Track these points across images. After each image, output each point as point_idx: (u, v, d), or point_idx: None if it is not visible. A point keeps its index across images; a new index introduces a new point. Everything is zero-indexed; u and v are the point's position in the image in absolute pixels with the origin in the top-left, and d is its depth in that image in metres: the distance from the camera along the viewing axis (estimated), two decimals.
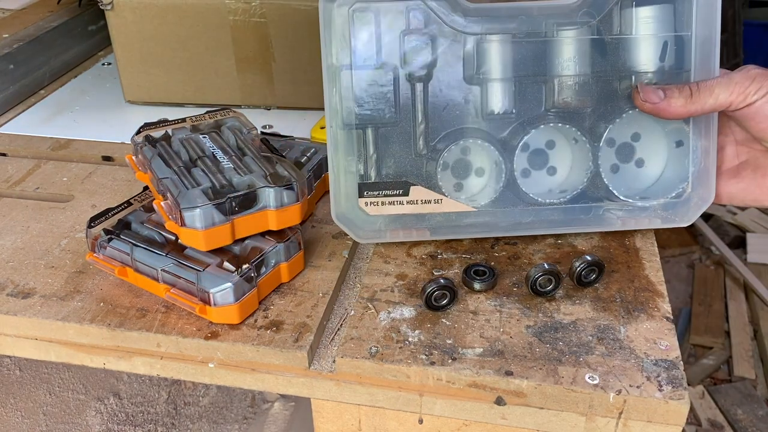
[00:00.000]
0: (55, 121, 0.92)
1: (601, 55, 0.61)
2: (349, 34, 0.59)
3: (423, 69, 0.61)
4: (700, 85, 0.58)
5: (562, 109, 0.62)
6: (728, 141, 0.64)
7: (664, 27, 0.61)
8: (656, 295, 0.60)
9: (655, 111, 0.59)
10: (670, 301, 0.60)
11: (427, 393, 0.55)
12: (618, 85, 0.62)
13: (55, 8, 1.10)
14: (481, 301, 0.60)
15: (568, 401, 0.52)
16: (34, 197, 0.76)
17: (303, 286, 0.61)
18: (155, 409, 1.34)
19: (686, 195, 0.65)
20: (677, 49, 0.61)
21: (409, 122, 0.62)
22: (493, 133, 0.63)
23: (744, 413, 1.78)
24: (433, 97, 0.61)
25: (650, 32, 0.61)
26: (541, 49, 0.61)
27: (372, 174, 0.62)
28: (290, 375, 0.56)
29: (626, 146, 0.65)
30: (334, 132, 0.61)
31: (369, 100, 0.61)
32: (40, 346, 0.61)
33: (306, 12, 0.85)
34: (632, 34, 0.61)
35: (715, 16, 0.60)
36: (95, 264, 0.62)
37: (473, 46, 0.61)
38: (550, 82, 0.62)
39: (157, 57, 0.90)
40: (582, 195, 0.64)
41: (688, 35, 0.61)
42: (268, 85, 0.91)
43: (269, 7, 0.86)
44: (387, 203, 0.63)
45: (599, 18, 0.60)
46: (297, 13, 0.85)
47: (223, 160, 0.63)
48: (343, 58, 0.59)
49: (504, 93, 0.62)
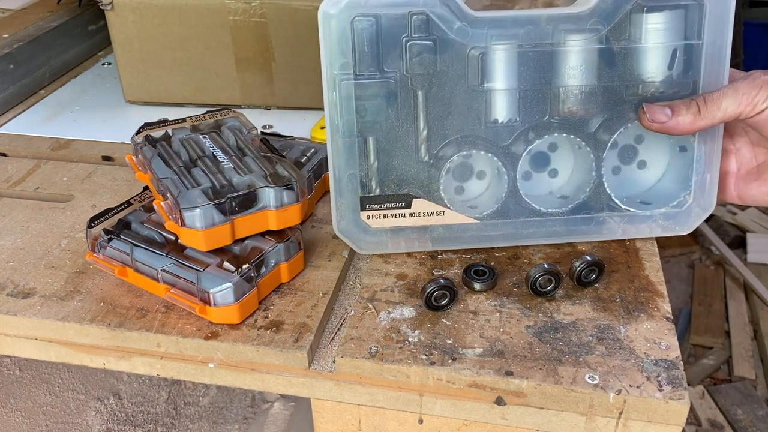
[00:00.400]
0: (55, 121, 0.92)
1: (608, 63, 0.60)
2: (349, 42, 0.58)
3: (425, 77, 0.59)
4: (707, 98, 0.57)
5: (566, 117, 0.61)
6: (743, 142, 0.63)
7: (674, 35, 0.60)
8: (656, 295, 0.60)
9: (663, 130, 0.58)
10: (670, 301, 0.60)
11: (427, 393, 0.55)
12: (624, 94, 0.61)
13: (55, 8, 1.10)
14: (481, 301, 0.60)
15: (568, 401, 0.52)
16: (34, 197, 0.76)
17: (303, 286, 0.61)
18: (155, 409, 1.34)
19: (688, 204, 0.64)
20: (686, 58, 0.60)
21: (411, 131, 0.61)
22: (496, 142, 0.62)
23: (744, 413, 1.79)
24: (436, 106, 0.60)
25: (659, 40, 0.59)
26: (547, 58, 0.59)
27: (374, 185, 0.62)
28: (290, 375, 0.56)
29: (629, 148, 0.65)
30: (335, 142, 0.60)
31: (370, 109, 0.60)
32: (40, 346, 0.61)
33: (306, 12, 0.85)
34: (641, 42, 0.59)
35: (727, 24, 0.59)
36: (95, 264, 0.62)
37: (478, 54, 0.59)
38: (555, 91, 0.61)
39: (157, 57, 0.90)
40: (584, 205, 0.64)
41: (698, 43, 0.60)
42: (268, 85, 0.91)
43: (269, 7, 0.86)
44: (389, 216, 0.63)
45: (610, 27, 0.59)
46: (297, 13, 0.85)
47: (223, 160, 0.63)
48: (343, 67, 0.58)
49: (508, 102, 0.61)
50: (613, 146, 0.64)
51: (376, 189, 0.62)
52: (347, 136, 0.60)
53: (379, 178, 0.62)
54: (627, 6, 0.59)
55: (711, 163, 0.63)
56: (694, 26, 0.60)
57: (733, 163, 0.64)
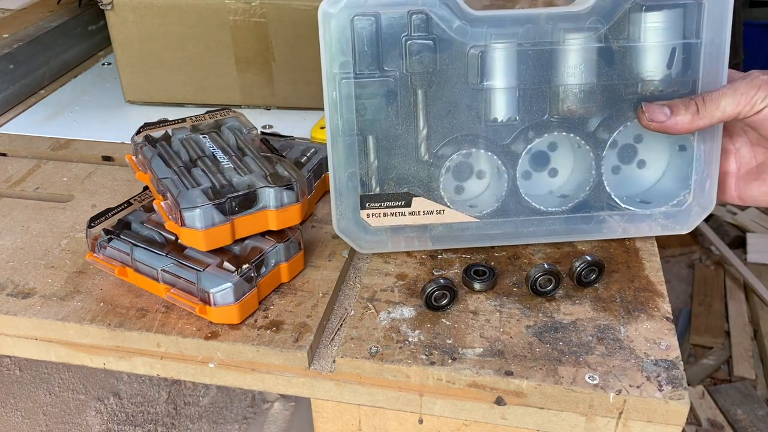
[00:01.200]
0: (55, 121, 0.92)
1: (607, 62, 0.60)
2: (349, 41, 0.58)
3: (425, 76, 0.60)
4: (705, 98, 0.57)
5: (566, 116, 0.61)
6: (743, 142, 0.63)
7: (673, 34, 0.60)
8: (656, 295, 0.60)
9: (662, 129, 0.58)
10: (670, 301, 0.60)
11: (427, 393, 0.55)
12: (624, 93, 0.61)
13: (55, 8, 1.10)
14: (481, 301, 0.60)
15: (568, 401, 0.52)
16: (34, 197, 0.76)
17: (303, 286, 0.61)
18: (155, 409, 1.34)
19: (687, 203, 0.64)
20: (685, 57, 0.60)
21: (411, 130, 0.61)
22: (496, 141, 0.62)
23: (744, 413, 1.79)
24: (435, 104, 0.61)
25: (658, 39, 0.60)
26: (546, 56, 0.60)
27: (374, 184, 0.62)
28: (290, 375, 0.56)
29: (628, 147, 0.65)
30: (335, 141, 0.60)
31: (370, 108, 0.60)
32: (40, 346, 0.61)
33: (306, 12, 0.85)
34: (640, 41, 0.60)
35: (725, 23, 0.59)
36: (95, 264, 0.62)
37: (477, 53, 0.59)
38: (554, 90, 0.61)
39: (157, 57, 0.90)
40: (584, 204, 0.64)
41: (697, 42, 0.60)
42: (268, 85, 0.91)
43: (269, 7, 0.86)
44: (389, 215, 0.63)
45: (609, 25, 0.59)
46: (297, 13, 0.85)
47: (223, 160, 0.63)
48: (343, 66, 0.58)
49: (508, 100, 0.61)
50: (613, 146, 0.64)
51: (376, 188, 0.62)
52: (347, 135, 0.60)
53: (379, 177, 0.62)
54: (626, 5, 0.59)
55: (711, 161, 0.63)
56: (692, 25, 0.60)
57: (732, 163, 0.64)
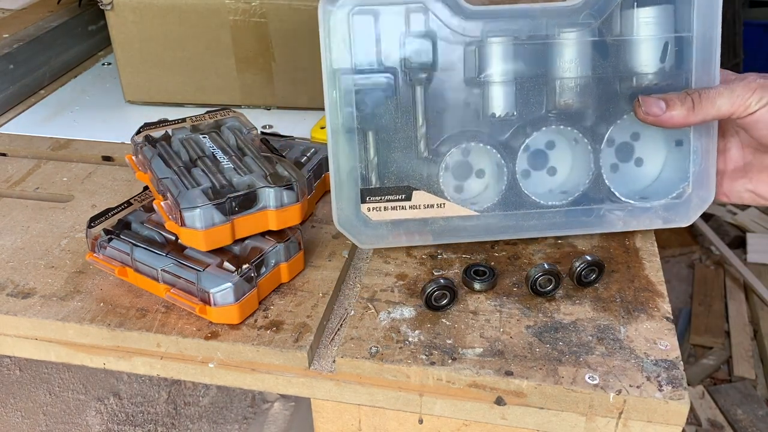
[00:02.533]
0: (55, 121, 0.92)
1: (602, 56, 0.61)
2: (349, 37, 0.59)
3: (423, 71, 0.60)
4: (702, 95, 0.58)
5: (563, 110, 0.62)
6: (733, 142, 0.64)
7: (665, 28, 0.61)
8: (656, 295, 0.60)
9: (657, 123, 0.59)
10: (670, 301, 0.60)
11: (427, 393, 0.55)
12: (619, 87, 0.62)
13: (55, 8, 1.10)
14: (481, 301, 0.60)
15: (568, 401, 0.52)
16: (34, 197, 0.76)
17: (303, 286, 0.61)
18: (155, 409, 1.34)
19: (687, 195, 0.65)
20: (678, 50, 0.61)
21: (410, 125, 0.61)
22: (495, 136, 0.63)
23: (744, 413, 1.79)
24: (434, 100, 0.61)
25: (651, 33, 0.61)
26: (542, 51, 0.61)
27: (374, 179, 0.62)
28: (290, 375, 0.56)
29: (625, 145, 0.65)
30: (335, 136, 0.61)
31: (369, 103, 0.60)
32: (40, 346, 0.61)
33: (306, 12, 0.85)
34: (633, 35, 0.61)
35: (715, 16, 0.60)
36: (95, 264, 0.62)
37: (474, 48, 0.60)
38: (551, 84, 0.62)
39: (157, 57, 0.90)
40: (584, 197, 0.64)
41: (688, 36, 0.61)
42: (268, 85, 0.91)
43: (269, 7, 0.86)
44: (390, 208, 0.63)
45: (602, 20, 0.60)
46: (297, 13, 0.85)
47: (223, 160, 0.63)
48: (343, 62, 0.59)
49: (505, 95, 0.62)
50: (610, 143, 0.64)
51: (376, 183, 0.62)
52: (347, 130, 0.60)
53: (379, 172, 0.62)
54: (616, 0, 0.60)
55: (708, 154, 0.63)
56: (684, 19, 0.61)
57: (722, 161, 0.65)
